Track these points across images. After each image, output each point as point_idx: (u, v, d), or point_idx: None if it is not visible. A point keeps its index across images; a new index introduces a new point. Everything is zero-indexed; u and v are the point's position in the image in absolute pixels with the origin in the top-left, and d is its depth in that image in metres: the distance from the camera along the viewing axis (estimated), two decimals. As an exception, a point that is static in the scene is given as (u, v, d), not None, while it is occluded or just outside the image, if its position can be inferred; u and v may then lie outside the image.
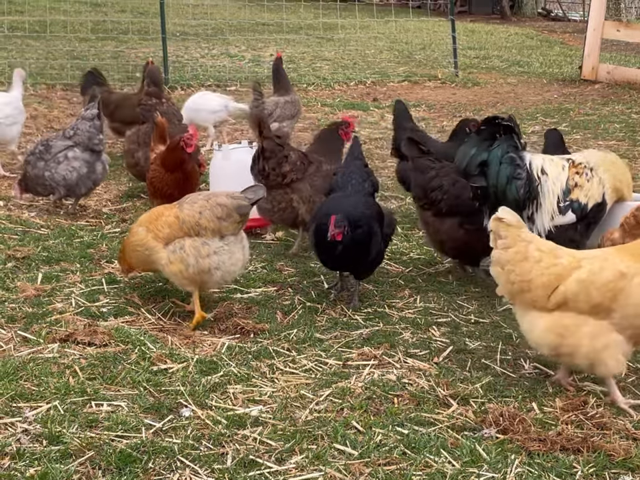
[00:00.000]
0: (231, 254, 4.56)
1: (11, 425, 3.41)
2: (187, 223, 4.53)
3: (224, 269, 4.55)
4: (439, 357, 4.19)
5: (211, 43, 17.64)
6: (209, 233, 4.51)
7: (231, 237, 4.56)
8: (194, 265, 4.50)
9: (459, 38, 15.81)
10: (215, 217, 4.50)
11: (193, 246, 4.51)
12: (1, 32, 15.82)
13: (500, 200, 4.82)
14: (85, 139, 6.38)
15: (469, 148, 4.91)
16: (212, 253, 4.51)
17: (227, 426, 3.50)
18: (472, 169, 4.87)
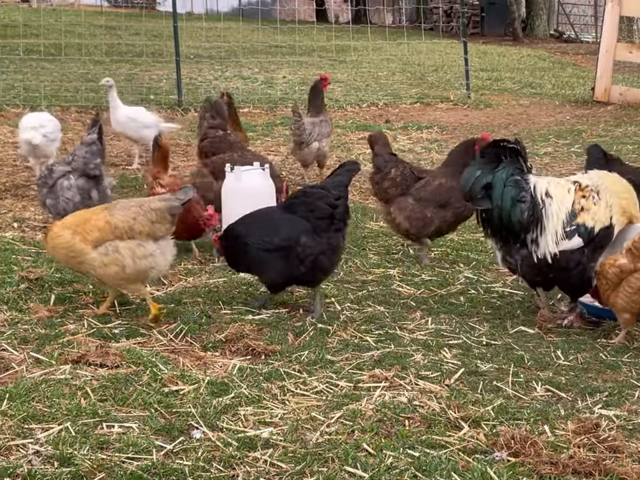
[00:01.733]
0: (164, 252, 4.80)
1: (23, 447, 3.42)
2: (119, 228, 4.70)
3: (159, 268, 4.81)
4: (450, 379, 4.19)
5: (224, 65, 17.76)
6: (143, 237, 4.72)
7: (164, 239, 4.79)
8: (131, 265, 4.69)
9: (471, 60, 15.87)
10: (150, 221, 4.72)
11: (128, 247, 4.69)
12: (17, 55, 16.00)
13: (504, 222, 4.82)
14: (81, 165, 6.38)
15: (473, 170, 4.91)
16: (148, 255, 4.72)
17: (238, 448, 3.49)
18: (476, 192, 4.87)
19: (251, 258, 5.03)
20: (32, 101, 12.82)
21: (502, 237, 4.91)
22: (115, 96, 9.14)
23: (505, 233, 4.87)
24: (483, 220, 4.94)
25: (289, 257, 4.93)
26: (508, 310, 5.21)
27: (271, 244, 4.96)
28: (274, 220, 5.10)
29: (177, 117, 12.70)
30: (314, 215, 4.95)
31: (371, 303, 5.25)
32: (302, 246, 4.91)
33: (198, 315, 4.90)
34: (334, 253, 5.01)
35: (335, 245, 4.99)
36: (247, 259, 5.07)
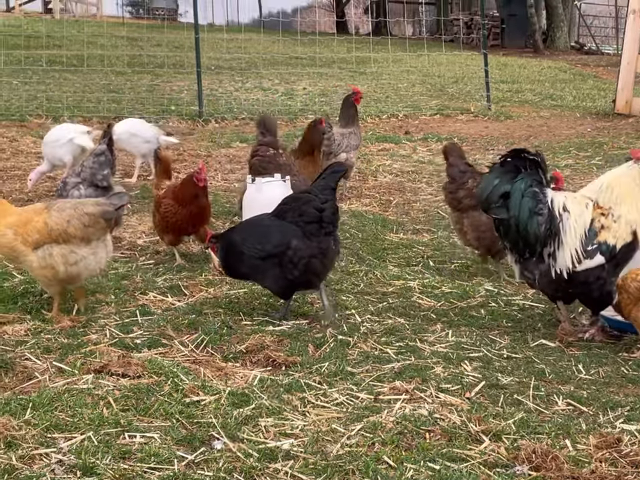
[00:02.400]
0: (95, 255, 4.94)
1: (46, 456, 3.45)
2: (55, 230, 4.83)
3: (90, 268, 4.95)
4: (470, 392, 4.18)
5: (245, 76, 17.86)
6: (77, 240, 4.85)
7: (97, 241, 4.92)
8: (63, 271, 4.86)
9: (492, 71, 15.86)
10: (83, 225, 4.84)
11: (61, 254, 4.84)
12: (40, 66, 16.15)
13: (521, 234, 4.81)
14: (88, 175, 6.45)
15: (491, 178, 4.91)
16: (79, 260, 4.87)
17: (259, 459, 3.50)
18: (493, 200, 4.86)
19: (248, 266, 5.10)
20: (54, 111, 12.94)
21: (519, 250, 4.89)
22: None
23: (522, 245, 4.86)
24: (500, 231, 4.94)
25: (282, 263, 4.99)
26: (529, 323, 5.20)
27: (264, 251, 5.02)
28: (265, 227, 5.14)
29: (197, 127, 12.80)
30: (303, 220, 5.00)
31: (391, 315, 5.26)
32: (293, 249, 4.97)
33: (219, 326, 4.92)
34: (325, 257, 5.05)
35: (326, 248, 5.03)
36: (244, 267, 5.13)
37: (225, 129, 12.68)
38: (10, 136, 11.49)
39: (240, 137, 11.86)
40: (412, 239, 7.01)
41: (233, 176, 9.52)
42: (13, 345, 4.56)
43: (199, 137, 11.95)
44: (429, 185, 9.24)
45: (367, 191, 8.92)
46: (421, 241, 6.98)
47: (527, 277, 4.93)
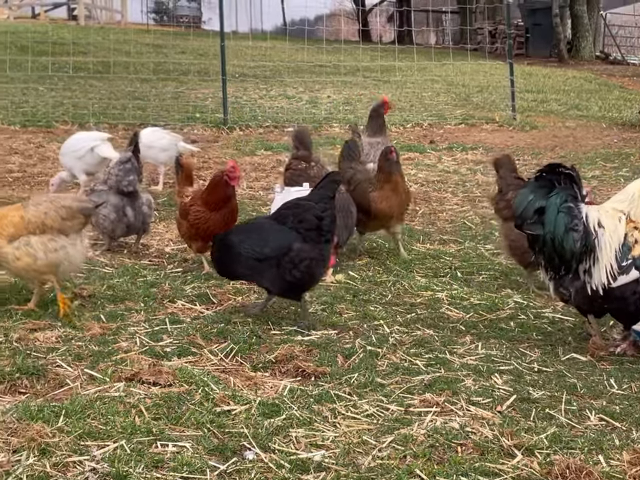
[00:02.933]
0: (74, 247, 5.06)
1: (80, 464, 3.46)
2: (32, 223, 4.97)
3: (71, 261, 5.06)
4: (502, 406, 4.15)
5: (269, 84, 17.91)
6: (54, 232, 4.99)
7: (74, 234, 5.05)
8: (43, 258, 4.97)
9: (517, 81, 15.81)
10: (60, 217, 4.98)
11: (40, 241, 4.97)
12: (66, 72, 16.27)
13: (557, 250, 4.77)
14: (114, 182, 6.53)
15: (526, 194, 4.87)
16: (59, 248, 4.99)
17: (291, 470, 3.50)
18: (529, 215, 4.83)
19: (245, 267, 5.18)
20: (80, 118, 13.04)
21: (554, 267, 4.85)
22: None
23: (557, 262, 4.81)
24: (534, 247, 4.90)
25: (280, 265, 5.07)
26: (559, 336, 5.17)
27: (262, 254, 5.10)
28: (265, 230, 5.23)
29: (222, 135, 12.84)
30: (303, 227, 5.08)
31: (420, 326, 5.24)
32: (295, 251, 5.04)
33: (248, 335, 4.92)
34: (325, 262, 5.19)
35: (327, 256, 5.16)
36: (240, 268, 5.22)
37: (249, 137, 12.72)
38: (37, 142, 11.59)
39: (264, 145, 11.89)
40: (439, 250, 6.99)
41: (258, 184, 9.54)
42: (45, 351, 4.58)
43: (223, 145, 11.99)
44: (454, 195, 9.22)
45: (393, 200, 8.89)
46: (448, 251, 6.95)
47: (562, 293, 4.89)
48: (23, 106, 14.08)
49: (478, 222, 7.98)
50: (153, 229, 7.40)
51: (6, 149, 11.09)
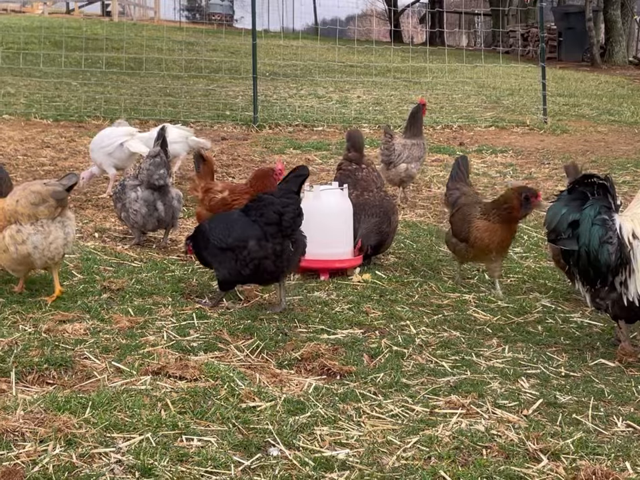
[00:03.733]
0: (46, 234, 5.10)
1: (105, 455, 3.48)
2: (7, 212, 5.10)
3: (41, 247, 5.09)
4: (528, 410, 4.12)
5: (299, 83, 17.93)
6: (25, 219, 5.07)
7: (47, 220, 5.10)
8: (14, 252, 5.10)
9: (548, 84, 15.71)
10: (30, 203, 5.05)
11: (10, 235, 5.09)
12: (99, 68, 16.39)
13: (592, 262, 4.69)
14: (145, 177, 6.59)
15: (559, 207, 4.80)
16: (26, 238, 5.07)
17: (315, 468, 3.50)
18: (562, 229, 4.76)
19: (210, 254, 5.42)
20: (112, 113, 13.13)
21: (590, 279, 4.79)
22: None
23: (593, 275, 4.74)
24: (569, 260, 4.83)
25: (237, 258, 5.26)
26: (587, 341, 5.12)
27: (225, 243, 5.31)
28: (231, 221, 5.42)
29: (251, 133, 12.87)
30: (263, 221, 5.25)
31: (447, 328, 5.22)
32: (248, 249, 5.24)
33: (274, 332, 4.93)
34: (279, 258, 5.26)
35: (280, 251, 5.25)
36: (207, 254, 5.45)
37: (278, 135, 12.75)
38: (68, 136, 11.69)
39: (293, 144, 11.91)
40: (467, 252, 6.95)
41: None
42: (73, 343, 4.61)
43: (252, 143, 12.02)
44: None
45: (421, 201, 8.89)
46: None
47: (599, 304, 4.84)
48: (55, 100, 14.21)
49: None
50: (181, 225, 7.44)
51: (38, 143, 11.20)
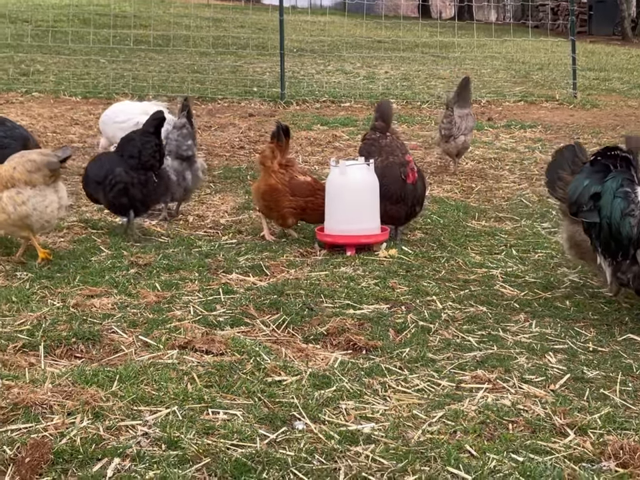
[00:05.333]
0: (43, 197, 5.39)
1: (132, 428, 3.51)
2: (3, 177, 5.38)
3: (40, 209, 5.39)
4: (555, 385, 4.10)
5: (327, 59, 17.85)
6: (21, 184, 5.36)
7: (42, 186, 5.39)
8: (13, 212, 5.35)
9: (578, 59, 15.51)
10: (26, 170, 5.36)
11: (9, 196, 5.37)
12: (127, 45, 16.43)
13: (613, 235, 4.65)
14: (174, 147, 6.69)
15: (581, 179, 4.75)
16: (26, 200, 5.35)
17: (340, 441, 3.50)
18: (584, 201, 4.71)
19: (93, 189, 6.34)
20: (140, 90, 13.17)
21: (611, 252, 4.74)
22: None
23: (614, 248, 4.71)
24: (590, 233, 4.79)
25: (105, 186, 6.21)
26: (616, 316, 5.07)
27: (99, 177, 6.26)
28: (103, 159, 6.52)
29: (279, 109, 12.85)
30: (127, 155, 6.22)
31: (473, 303, 5.19)
32: (114, 175, 6.17)
33: (300, 307, 4.93)
34: (144, 186, 6.18)
35: (145, 180, 6.17)
36: (90, 190, 6.38)
37: (305, 112, 12.71)
38: (97, 113, 11.69)
39: (320, 120, 11.87)
40: (494, 227, 6.91)
41: (314, 158, 9.53)
42: (100, 318, 4.66)
43: (280, 119, 11.99)
44: (511, 173, 9.10)
45: (449, 177, 8.83)
46: (503, 229, 6.87)
47: (620, 278, 4.80)
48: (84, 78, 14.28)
49: (535, 200, 7.87)
50: (208, 201, 7.47)
51: (67, 120, 11.27)
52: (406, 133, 11.00)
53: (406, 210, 6.33)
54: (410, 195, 6.30)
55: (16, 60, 15.52)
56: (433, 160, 9.54)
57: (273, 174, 6.29)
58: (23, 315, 4.65)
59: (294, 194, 6.22)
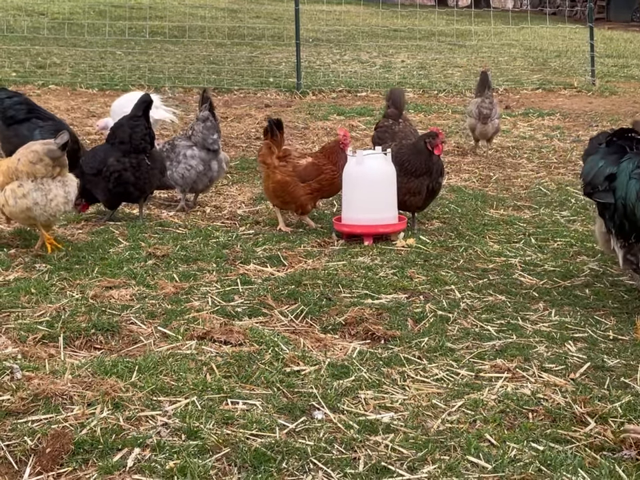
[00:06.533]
0: (46, 191, 5.42)
1: (152, 418, 3.52)
2: (10, 169, 5.44)
3: (42, 203, 5.40)
4: (575, 373, 4.08)
5: (343, 48, 17.80)
6: (24, 176, 5.40)
7: (46, 178, 5.42)
8: (13, 205, 5.42)
9: (596, 45, 15.39)
10: (29, 161, 5.38)
11: (12, 189, 5.43)
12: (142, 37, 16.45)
13: (628, 216, 4.62)
14: (200, 139, 6.76)
15: (596, 160, 4.73)
16: (27, 193, 5.38)
17: (359, 431, 3.50)
18: (599, 182, 4.68)
19: (87, 181, 6.22)
20: (156, 82, 13.19)
21: (624, 234, 4.71)
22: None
23: (628, 229, 4.68)
24: (604, 215, 4.76)
25: (103, 177, 6.23)
26: (636, 304, 5.03)
27: (94, 168, 6.29)
28: (96, 150, 6.58)
29: (295, 99, 12.83)
30: (117, 141, 6.32)
31: (492, 292, 5.17)
32: (108, 166, 6.22)
33: (318, 297, 4.93)
34: (137, 170, 6.25)
35: (137, 163, 6.25)
36: (87, 184, 6.24)
37: (322, 102, 12.69)
38: (114, 105, 11.74)
39: (337, 110, 11.84)
40: (513, 216, 6.88)
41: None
42: (119, 309, 4.67)
43: (296, 109, 11.98)
44: (529, 161, 9.05)
45: (466, 165, 8.79)
46: (522, 217, 6.84)
47: (631, 261, 4.77)
48: (100, 70, 14.31)
49: (554, 188, 7.82)
50: (225, 192, 7.47)
51: (84, 112, 11.30)
52: (423, 122, 10.96)
53: (428, 184, 6.30)
54: (435, 166, 6.29)
55: (33, 52, 15.58)
56: (451, 149, 9.50)
57: (276, 169, 6.29)
58: (42, 307, 4.67)
59: (304, 180, 6.21)
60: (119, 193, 6.30)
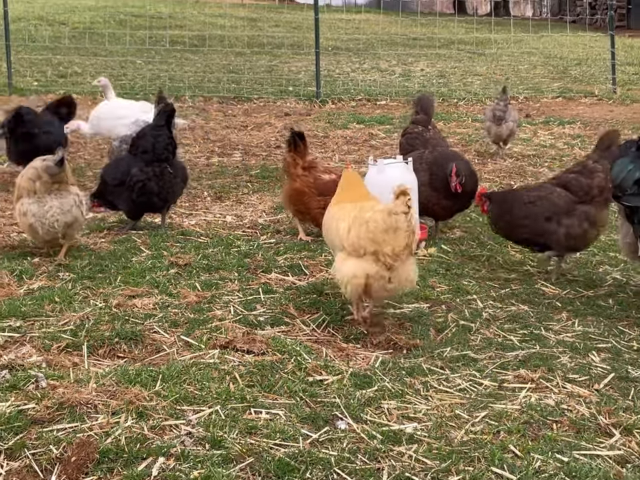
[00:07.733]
0: (41, 205, 5.50)
1: (176, 427, 3.53)
2: (18, 187, 5.60)
3: (38, 216, 5.49)
4: (599, 384, 4.06)
5: (362, 57, 17.80)
6: (24, 193, 5.54)
7: (46, 194, 5.50)
8: (20, 223, 5.63)
9: (617, 53, 15.31)
10: (28, 178, 5.51)
11: (17, 208, 5.58)
12: (162, 46, 16.53)
13: None
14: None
15: (625, 163, 4.72)
16: (26, 210, 5.51)
17: (382, 441, 3.50)
18: (627, 185, 4.67)
19: (110, 194, 6.37)
20: (176, 90, 13.24)
21: None
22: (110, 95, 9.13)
23: None
24: (633, 219, 4.75)
25: (127, 188, 6.26)
26: (659, 314, 5.01)
27: (116, 179, 6.33)
28: (118, 160, 6.69)
29: (314, 108, 12.84)
30: (140, 151, 6.36)
31: (514, 302, 5.15)
32: (131, 176, 6.26)
33: (340, 307, 4.93)
34: (160, 179, 6.31)
35: (160, 172, 6.29)
36: (109, 196, 6.38)
37: (341, 110, 12.70)
38: (134, 114, 11.79)
39: (356, 118, 11.85)
40: (534, 225, 6.84)
41: (350, 157, 9.51)
42: (142, 318, 4.69)
43: (315, 118, 12.00)
44: (550, 170, 9.00)
45: (487, 174, 8.76)
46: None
47: None
48: (121, 79, 14.37)
49: None
50: (246, 201, 7.49)
51: (105, 121, 11.32)
52: (443, 131, 10.92)
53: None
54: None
55: (54, 62, 15.69)
56: (471, 157, 9.48)
57: (297, 178, 6.30)
58: (66, 315, 4.70)
59: (321, 194, 6.18)
60: (143, 203, 6.35)
